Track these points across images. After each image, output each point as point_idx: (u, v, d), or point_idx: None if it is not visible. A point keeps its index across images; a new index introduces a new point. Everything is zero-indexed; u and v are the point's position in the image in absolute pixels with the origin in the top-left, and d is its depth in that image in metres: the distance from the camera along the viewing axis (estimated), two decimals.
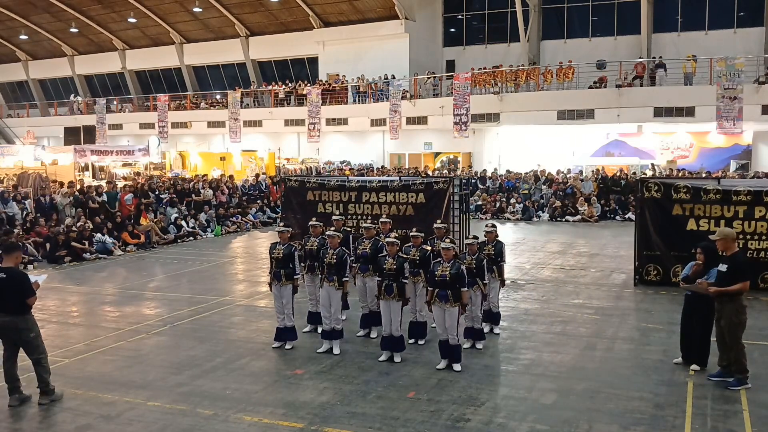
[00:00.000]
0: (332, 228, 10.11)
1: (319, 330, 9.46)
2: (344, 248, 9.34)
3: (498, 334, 9.84)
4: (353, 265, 9.86)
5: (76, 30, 42.53)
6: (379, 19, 34.85)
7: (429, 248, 9.51)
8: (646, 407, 7.13)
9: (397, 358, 8.63)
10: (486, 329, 9.67)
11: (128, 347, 9.47)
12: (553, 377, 8.08)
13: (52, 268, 15.88)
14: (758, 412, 6.97)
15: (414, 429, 6.66)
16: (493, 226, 10.22)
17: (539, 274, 14.48)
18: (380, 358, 8.66)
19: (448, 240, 8.78)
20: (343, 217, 12.34)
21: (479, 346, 9.19)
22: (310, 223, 10.30)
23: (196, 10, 37.61)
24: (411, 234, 9.59)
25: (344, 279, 9.09)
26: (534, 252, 17.43)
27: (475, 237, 9.62)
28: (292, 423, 6.83)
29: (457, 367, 8.23)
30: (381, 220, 11.08)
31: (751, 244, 12.20)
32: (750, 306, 11.34)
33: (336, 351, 8.97)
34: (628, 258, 14.83)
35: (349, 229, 11.70)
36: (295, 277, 9.24)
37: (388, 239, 9.09)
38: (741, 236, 12.18)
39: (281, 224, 11.45)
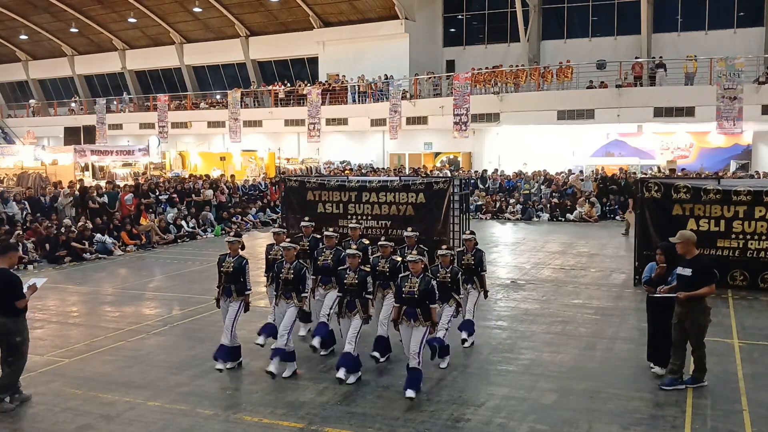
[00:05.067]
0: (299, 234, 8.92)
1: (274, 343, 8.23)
2: (302, 261, 8.39)
3: (470, 346, 9.08)
4: (312, 277, 8.91)
5: (76, 30, 42.51)
6: (379, 19, 34.85)
7: (399, 259, 8.56)
8: (646, 407, 7.14)
9: (351, 380, 7.74)
10: (464, 335, 9.03)
11: (128, 347, 9.47)
12: (553, 377, 8.08)
13: (52, 268, 15.88)
14: (758, 412, 6.97)
15: (414, 429, 6.66)
16: (472, 233, 9.49)
17: (539, 274, 14.48)
18: (337, 375, 7.63)
19: (415, 252, 8.03)
20: (312, 224, 10.55)
21: (443, 365, 8.33)
22: (273, 229, 9.39)
23: (196, 10, 37.61)
24: (380, 243, 8.61)
25: (302, 295, 8.17)
26: (534, 252, 17.43)
27: (450, 248, 8.89)
28: (292, 423, 6.83)
29: (410, 393, 7.18)
30: (350, 225, 10.19)
31: (751, 244, 12.21)
32: (750, 306, 11.44)
33: (287, 374, 8.01)
34: (628, 258, 14.84)
35: (318, 237, 10.01)
36: (247, 293, 8.37)
37: (348, 251, 8.11)
38: (741, 236, 12.23)
39: (232, 235, 9.85)
